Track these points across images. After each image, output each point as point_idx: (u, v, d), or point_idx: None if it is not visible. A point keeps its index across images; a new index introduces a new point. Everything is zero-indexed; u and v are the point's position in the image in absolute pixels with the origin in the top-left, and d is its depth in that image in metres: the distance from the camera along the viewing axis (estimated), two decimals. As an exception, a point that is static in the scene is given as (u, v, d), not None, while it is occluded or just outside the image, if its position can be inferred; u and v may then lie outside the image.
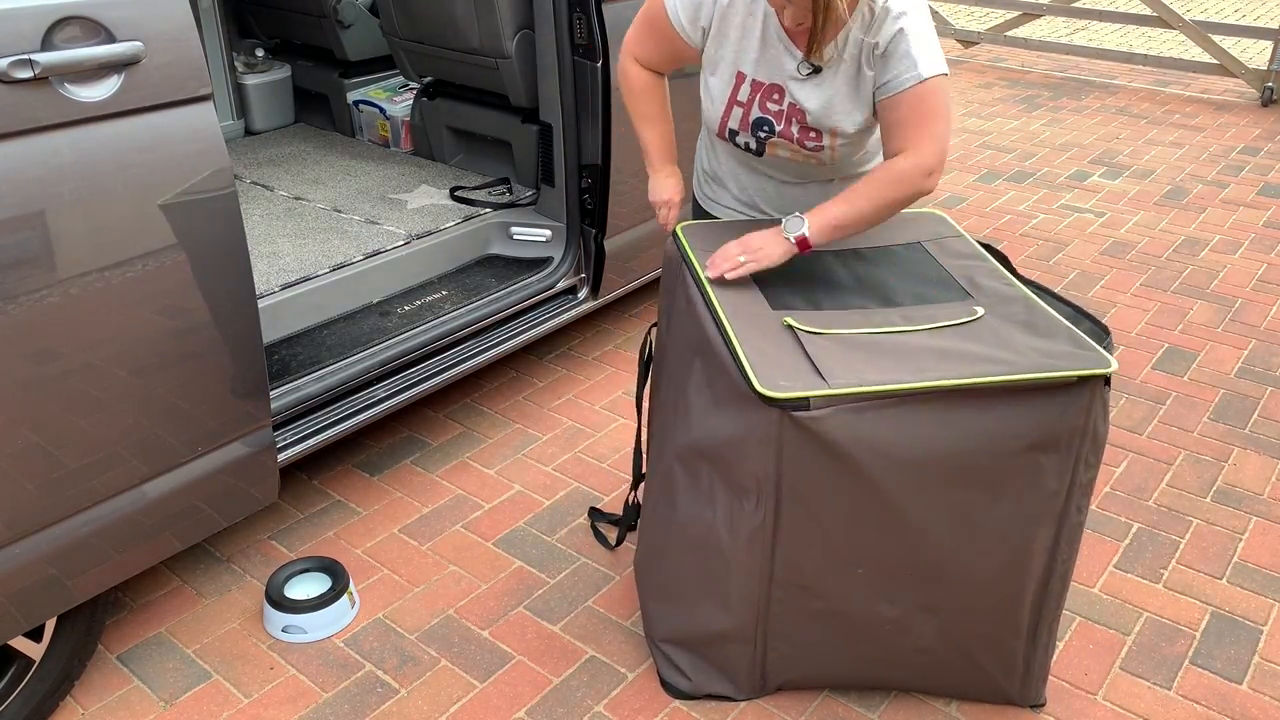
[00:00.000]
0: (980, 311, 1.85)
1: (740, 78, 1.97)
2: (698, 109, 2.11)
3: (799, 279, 1.97)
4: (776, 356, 1.73)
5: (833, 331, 1.79)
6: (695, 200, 2.33)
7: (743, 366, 1.71)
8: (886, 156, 1.92)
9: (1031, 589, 1.87)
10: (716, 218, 2.24)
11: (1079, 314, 1.91)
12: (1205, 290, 3.74)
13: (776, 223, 1.99)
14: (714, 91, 2.02)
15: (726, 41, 1.95)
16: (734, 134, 2.04)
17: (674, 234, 2.10)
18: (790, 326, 1.80)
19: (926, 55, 1.83)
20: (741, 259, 1.92)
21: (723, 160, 2.19)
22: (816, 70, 1.91)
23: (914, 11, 1.84)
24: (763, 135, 2.00)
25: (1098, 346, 1.75)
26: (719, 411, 1.78)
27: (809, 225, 1.89)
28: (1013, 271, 2.03)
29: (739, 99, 1.99)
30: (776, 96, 1.95)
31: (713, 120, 2.07)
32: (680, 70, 2.13)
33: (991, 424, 1.70)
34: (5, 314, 1.59)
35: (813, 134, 1.96)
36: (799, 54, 1.90)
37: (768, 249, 1.92)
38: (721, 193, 2.23)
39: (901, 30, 1.82)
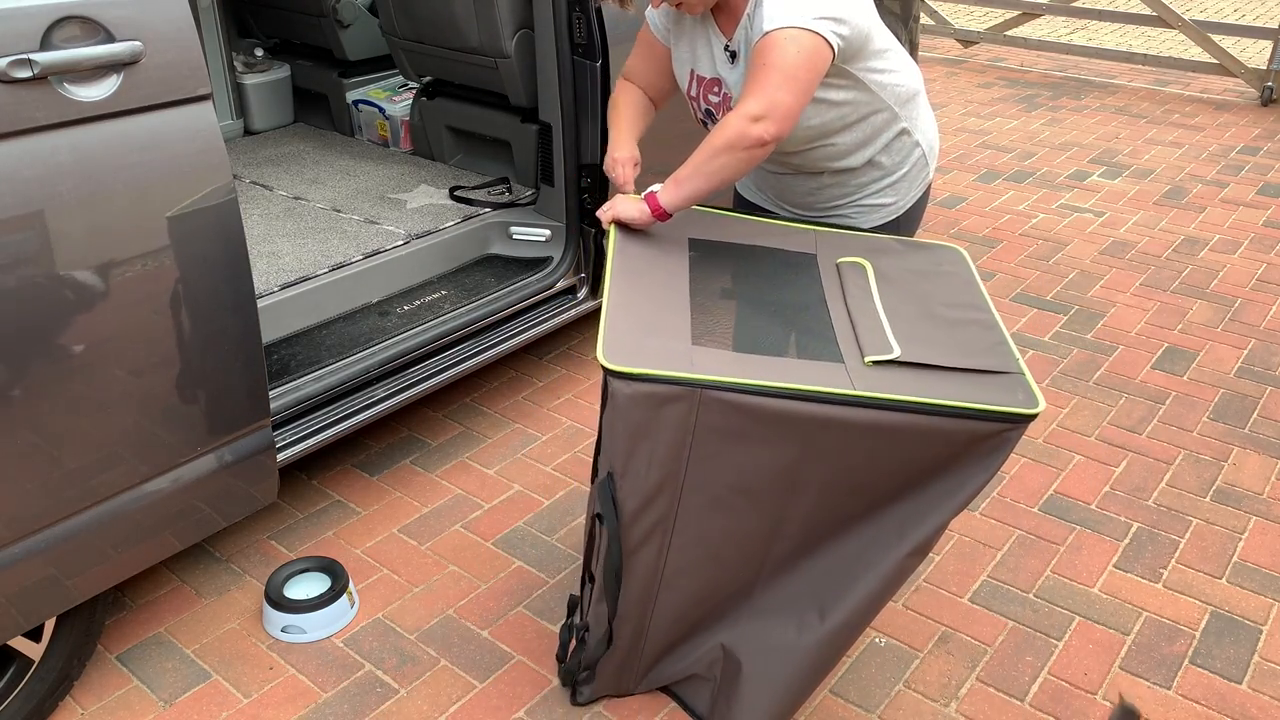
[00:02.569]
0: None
1: (691, 75, 2.08)
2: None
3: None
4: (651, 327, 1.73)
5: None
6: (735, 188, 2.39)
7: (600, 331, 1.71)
8: None
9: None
10: (748, 200, 2.33)
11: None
12: (1205, 290, 3.74)
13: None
14: (682, 91, 2.14)
15: (682, 38, 2.08)
16: (704, 124, 2.15)
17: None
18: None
19: (777, 12, 1.81)
20: (605, 210, 2.01)
21: None
22: (734, 55, 1.99)
23: None
24: (712, 126, 2.10)
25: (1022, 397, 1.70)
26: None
27: (662, 191, 1.93)
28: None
29: (692, 94, 2.10)
30: (716, 88, 2.04)
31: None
32: None
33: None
34: (5, 314, 1.59)
35: None
36: (724, 49, 2.00)
37: (623, 206, 1.99)
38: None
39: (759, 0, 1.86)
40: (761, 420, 1.67)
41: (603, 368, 1.63)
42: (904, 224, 2.18)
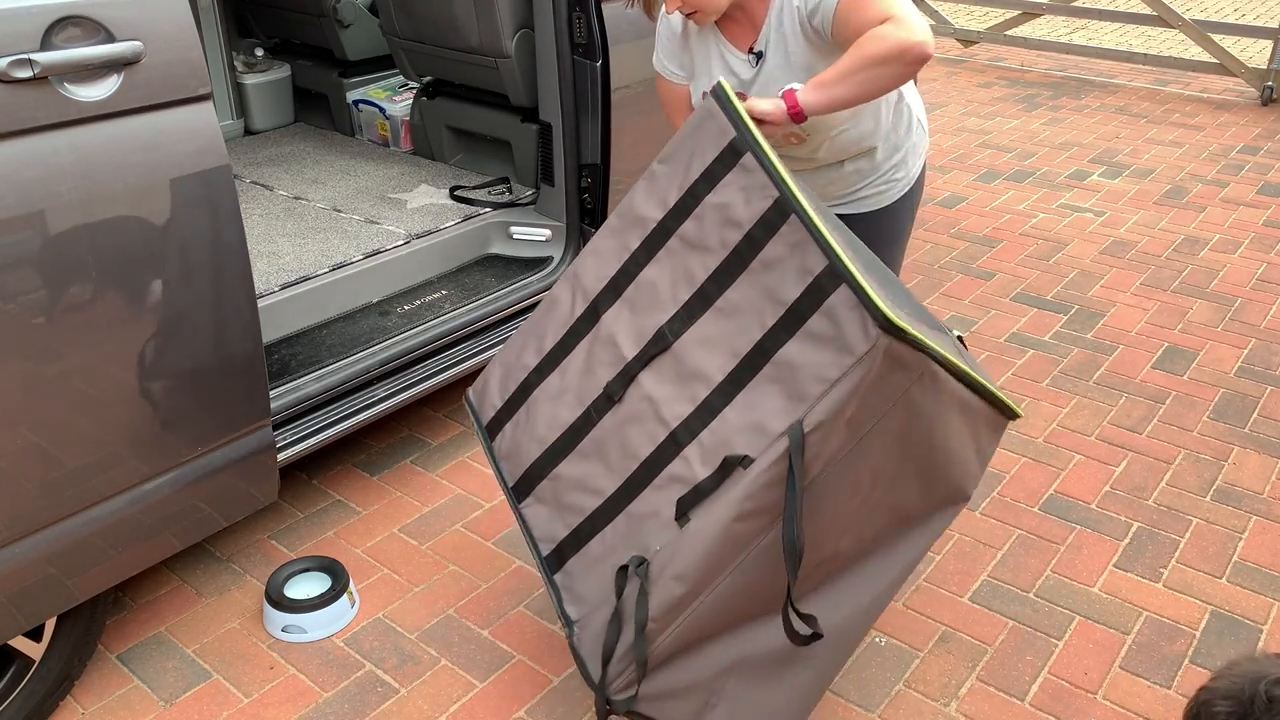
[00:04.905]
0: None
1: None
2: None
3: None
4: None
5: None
6: None
7: (866, 294, 1.56)
8: None
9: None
10: None
11: None
12: (1205, 289, 3.74)
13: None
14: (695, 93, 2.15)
15: (696, 68, 2.11)
16: None
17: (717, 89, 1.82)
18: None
19: None
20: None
21: None
22: (760, 56, 1.99)
23: None
24: None
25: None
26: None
27: (801, 92, 1.82)
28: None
29: None
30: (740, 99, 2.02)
31: None
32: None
33: None
34: (5, 314, 1.59)
35: None
36: (741, 53, 2.01)
37: (758, 101, 1.84)
38: None
39: None
40: (938, 401, 1.64)
41: (884, 316, 1.52)
42: (914, 195, 2.23)
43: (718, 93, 1.77)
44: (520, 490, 1.97)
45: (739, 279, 1.71)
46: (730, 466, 1.66)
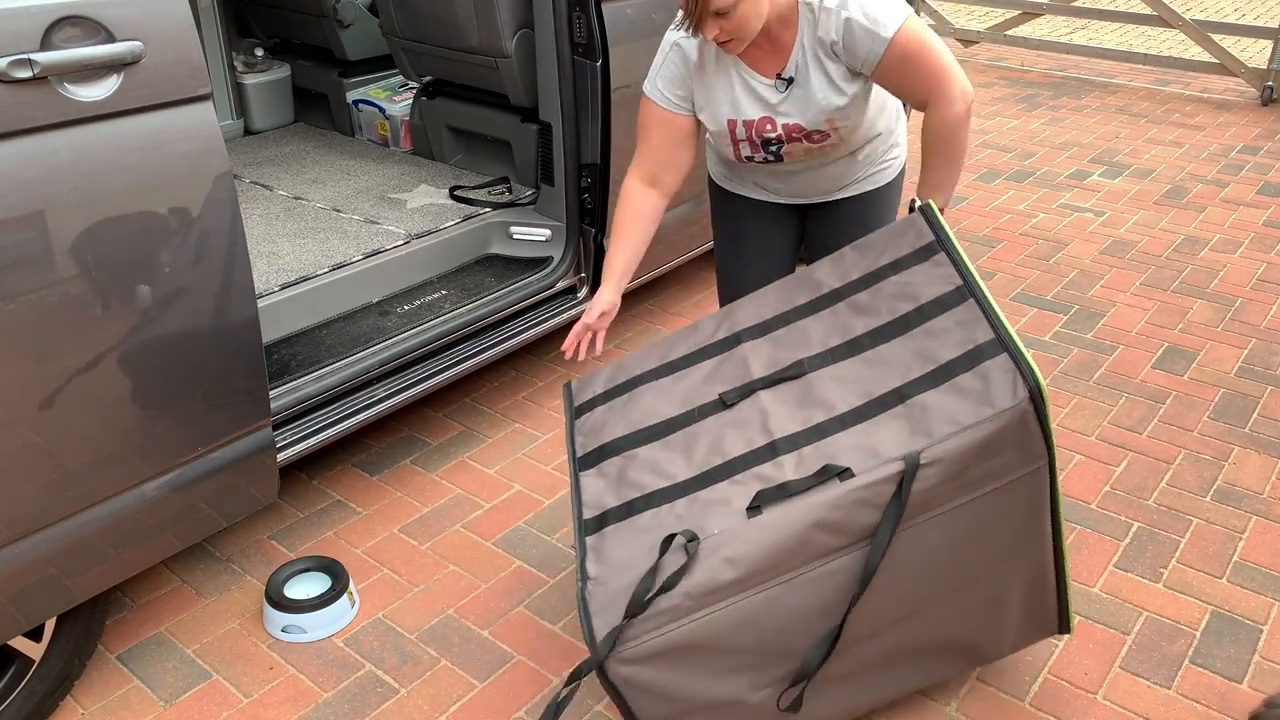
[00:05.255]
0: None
1: (732, 123, 2.09)
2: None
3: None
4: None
5: None
6: (711, 178, 2.43)
7: (1024, 358, 1.65)
8: (916, 108, 2.03)
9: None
10: (736, 194, 2.37)
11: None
12: (1205, 289, 3.74)
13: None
14: (717, 137, 2.15)
15: (709, 96, 2.09)
16: (749, 159, 2.17)
17: (924, 209, 2.00)
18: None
19: (882, 16, 1.92)
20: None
21: (740, 170, 2.32)
22: (790, 82, 2.02)
23: None
24: (774, 150, 2.12)
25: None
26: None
27: (935, 203, 2.02)
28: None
29: (739, 138, 2.11)
30: (769, 125, 2.08)
31: (726, 156, 2.21)
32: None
33: None
34: (5, 314, 1.59)
35: (817, 134, 2.07)
36: (769, 79, 2.04)
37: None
38: (740, 184, 2.36)
39: (847, 19, 1.92)
40: (1032, 519, 1.73)
41: (1036, 381, 1.62)
42: (903, 173, 2.36)
43: (925, 210, 1.96)
44: (586, 461, 1.97)
45: (896, 339, 1.81)
46: (828, 474, 1.66)
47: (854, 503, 1.63)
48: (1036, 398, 1.61)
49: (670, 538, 1.70)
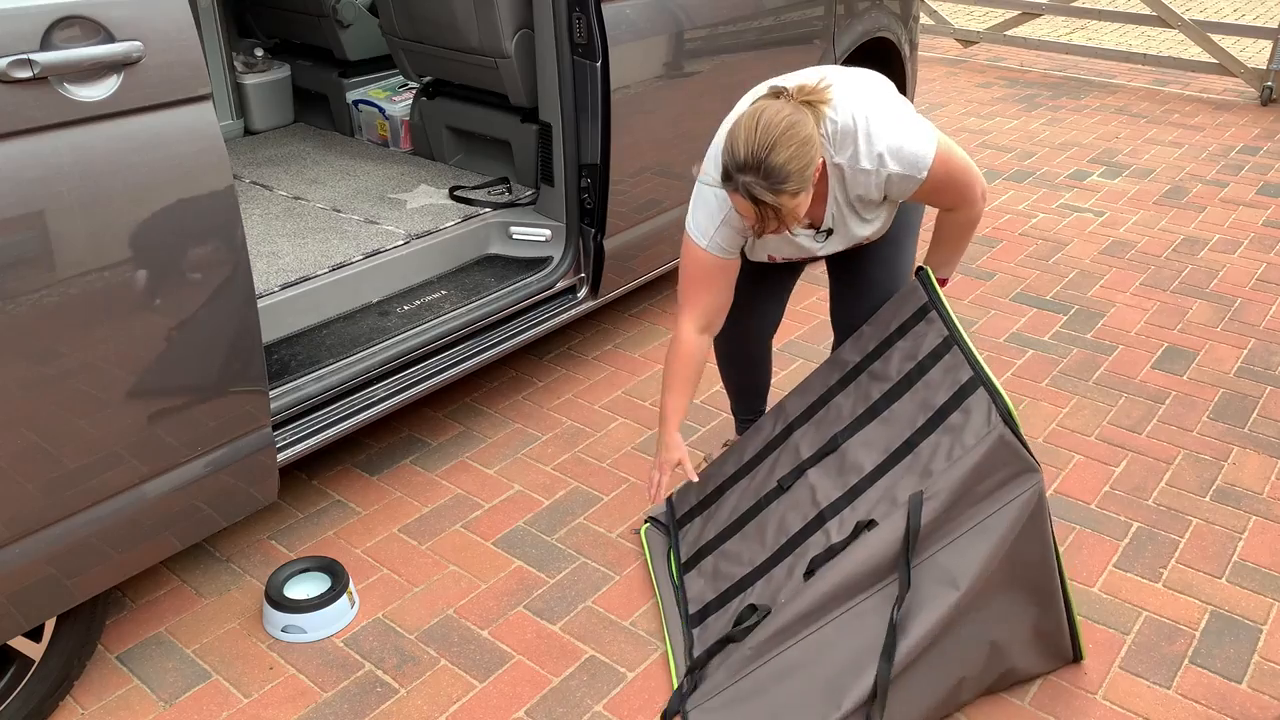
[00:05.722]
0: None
1: (771, 258, 2.27)
2: (699, 103, 2.13)
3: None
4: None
5: None
6: None
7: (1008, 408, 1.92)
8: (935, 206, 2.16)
9: None
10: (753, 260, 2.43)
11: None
12: (1204, 289, 3.74)
13: None
14: (754, 258, 2.30)
15: (753, 243, 2.21)
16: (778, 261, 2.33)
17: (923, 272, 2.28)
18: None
19: (917, 159, 1.96)
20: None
21: None
22: (829, 231, 2.12)
23: (884, 141, 1.95)
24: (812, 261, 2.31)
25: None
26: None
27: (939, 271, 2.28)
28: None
29: (778, 261, 2.29)
30: (807, 258, 2.23)
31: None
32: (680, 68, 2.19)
33: None
34: (5, 314, 1.59)
35: (854, 248, 2.23)
36: (808, 231, 2.13)
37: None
38: None
39: (888, 176, 1.97)
40: (1036, 532, 1.96)
41: (1007, 409, 1.91)
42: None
43: (922, 276, 2.26)
44: (688, 565, 2.30)
45: (903, 396, 2.14)
46: (860, 530, 1.95)
47: (882, 542, 1.90)
48: (1009, 420, 1.89)
49: (752, 607, 2.02)
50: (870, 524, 1.94)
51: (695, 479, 2.30)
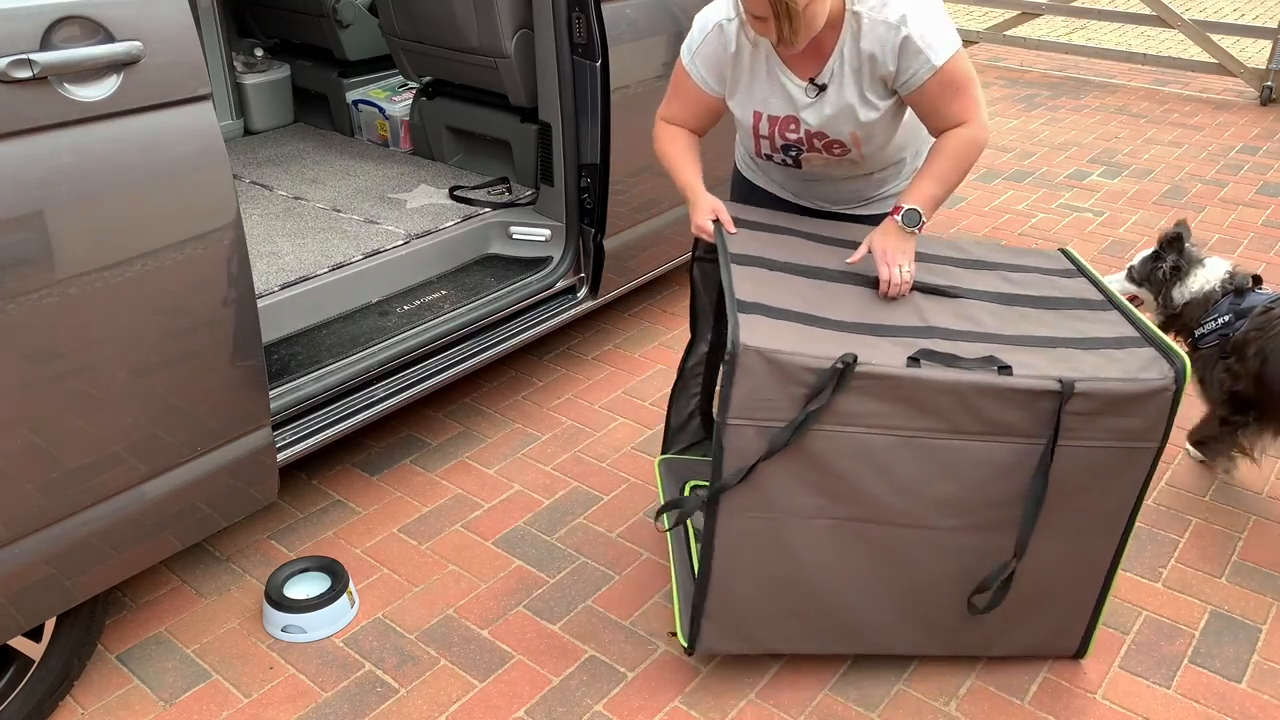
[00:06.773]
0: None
1: (758, 115, 2.11)
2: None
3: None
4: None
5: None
6: (736, 166, 2.44)
7: None
8: (934, 133, 2.04)
9: None
10: (758, 186, 2.38)
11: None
12: (1204, 289, 3.74)
13: (823, 215, 2.28)
14: (741, 126, 2.18)
15: (740, 84, 2.10)
16: (768, 157, 2.19)
17: None
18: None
19: (938, 42, 1.93)
20: (901, 270, 2.00)
21: (763, 166, 2.33)
22: (823, 89, 2.03)
23: (912, 5, 1.92)
24: (793, 155, 2.14)
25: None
26: None
27: (924, 212, 2.02)
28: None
29: (761, 133, 2.13)
30: (793, 125, 2.09)
31: (747, 147, 2.24)
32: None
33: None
34: (5, 314, 1.59)
35: (837, 146, 2.09)
36: (802, 81, 2.04)
37: (908, 250, 2.02)
38: (763, 177, 2.37)
39: (906, 37, 1.92)
40: (1127, 479, 1.96)
41: (1184, 368, 1.84)
42: None
43: (1066, 252, 2.29)
44: (740, 260, 2.03)
45: (1046, 310, 2.02)
46: (992, 364, 1.79)
47: (1007, 396, 1.76)
48: (1180, 382, 1.80)
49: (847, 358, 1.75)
50: (1005, 368, 1.78)
51: (733, 230, 2.12)
